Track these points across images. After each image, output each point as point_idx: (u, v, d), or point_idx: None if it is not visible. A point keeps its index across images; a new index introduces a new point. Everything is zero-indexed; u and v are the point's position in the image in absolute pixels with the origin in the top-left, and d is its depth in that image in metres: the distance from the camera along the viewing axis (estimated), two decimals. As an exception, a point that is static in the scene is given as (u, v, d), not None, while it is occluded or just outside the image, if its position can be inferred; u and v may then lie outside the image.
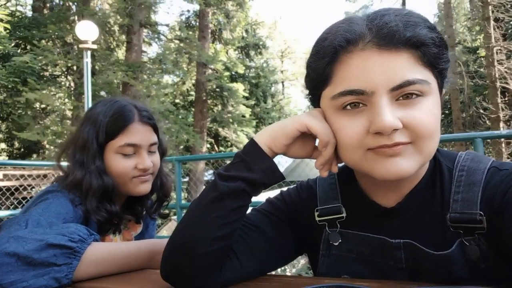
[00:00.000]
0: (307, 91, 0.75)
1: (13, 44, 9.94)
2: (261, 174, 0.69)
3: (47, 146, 11.02)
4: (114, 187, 1.10)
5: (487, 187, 0.65)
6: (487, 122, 11.35)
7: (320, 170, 0.72)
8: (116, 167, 1.11)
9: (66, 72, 11.51)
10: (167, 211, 1.34)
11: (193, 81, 14.89)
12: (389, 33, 0.60)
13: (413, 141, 0.61)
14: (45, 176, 6.27)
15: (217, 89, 14.27)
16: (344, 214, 0.76)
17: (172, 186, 1.35)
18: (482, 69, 11.99)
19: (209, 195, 0.68)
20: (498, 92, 10.18)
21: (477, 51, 14.78)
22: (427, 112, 0.61)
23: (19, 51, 10.09)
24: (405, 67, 0.60)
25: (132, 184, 1.13)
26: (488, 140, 8.52)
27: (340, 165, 0.74)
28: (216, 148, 17.28)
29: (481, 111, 11.34)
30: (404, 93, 0.60)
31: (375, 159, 0.63)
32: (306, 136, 0.72)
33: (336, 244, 0.76)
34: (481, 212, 0.63)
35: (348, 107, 0.64)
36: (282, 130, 0.70)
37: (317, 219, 0.78)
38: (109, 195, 1.09)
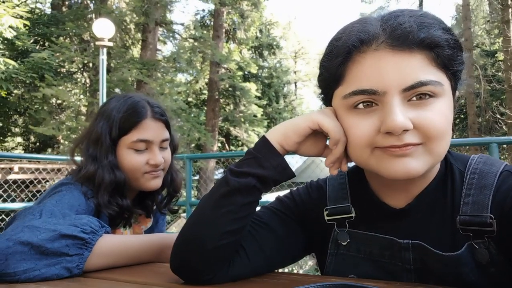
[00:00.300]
0: (319, 91, 0.75)
1: (32, 41, 10.17)
2: (272, 171, 0.69)
3: (62, 141, 11.24)
4: (125, 182, 1.11)
5: (498, 191, 0.64)
6: (504, 127, 11.10)
7: (330, 168, 0.72)
8: (128, 162, 1.12)
9: (82, 69, 11.72)
10: (176, 207, 1.35)
11: (206, 80, 14.99)
12: (403, 34, 0.59)
13: (423, 142, 0.61)
14: (59, 170, 6.39)
15: (230, 89, 14.33)
16: (353, 214, 0.76)
17: (182, 183, 1.36)
18: (500, 73, 11.74)
19: (220, 190, 0.69)
20: (516, 97, 9.94)
21: (496, 55, 14.47)
22: (439, 113, 0.60)
23: (37, 47, 10.33)
24: (418, 68, 0.60)
25: (144, 179, 1.15)
26: (504, 146, 8.33)
27: (350, 165, 0.74)
28: (227, 147, 17.35)
29: (498, 116, 11.09)
30: (416, 93, 0.60)
31: (383, 157, 0.62)
32: (318, 134, 0.72)
33: (345, 243, 0.76)
34: (491, 215, 0.62)
35: (361, 106, 0.63)
36: (293, 127, 0.70)
37: (326, 218, 0.78)
38: (121, 190, 1.10)
